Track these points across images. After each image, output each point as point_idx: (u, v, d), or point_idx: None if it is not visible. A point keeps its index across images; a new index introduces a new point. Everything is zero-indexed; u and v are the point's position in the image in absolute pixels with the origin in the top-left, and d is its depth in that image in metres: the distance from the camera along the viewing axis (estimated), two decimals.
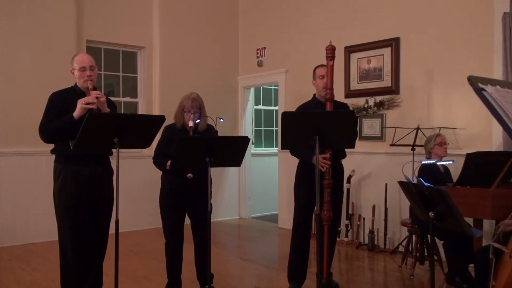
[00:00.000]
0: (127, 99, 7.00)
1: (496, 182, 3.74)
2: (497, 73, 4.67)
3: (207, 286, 3.65)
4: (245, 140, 3.62)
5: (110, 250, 3.27)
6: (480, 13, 4.84)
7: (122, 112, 6.51)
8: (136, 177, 6.56)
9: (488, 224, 4.38)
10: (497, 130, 4.69)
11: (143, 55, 7.03)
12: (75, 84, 3.43)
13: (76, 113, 3.19)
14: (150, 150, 6.60)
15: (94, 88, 3.31)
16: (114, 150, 3.20)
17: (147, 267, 4.84)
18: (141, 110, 6.98)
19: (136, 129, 3.12)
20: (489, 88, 1.37)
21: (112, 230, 3.14)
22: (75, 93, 3.39)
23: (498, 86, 1.40)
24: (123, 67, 6.97)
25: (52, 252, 4.13)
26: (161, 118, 3.22)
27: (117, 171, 3.08)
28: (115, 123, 3.02)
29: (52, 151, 3.42)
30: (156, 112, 6.85)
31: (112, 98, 4.08)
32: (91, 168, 3.38)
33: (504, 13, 4.60)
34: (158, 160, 3.77)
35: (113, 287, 3.13)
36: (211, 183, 3.85)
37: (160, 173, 3.88)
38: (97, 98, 3.21)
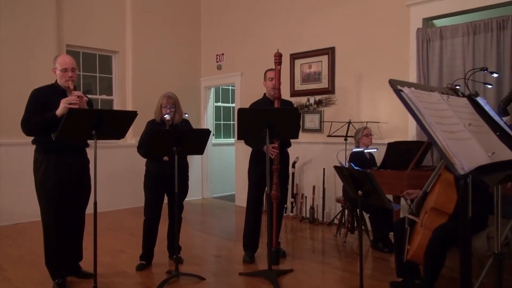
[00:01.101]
0: (104, 96, 6.77)
1: (411, 165, 3.87)
2: (412, 77, 4.79)
3: (174, 256, 3.62)
4: (207, 132, 3.62)
5: (90, 227, 3.17)
6: (399, 29, 4.95)
7: (99, 108, 6.33)
8: (114, 164, 6.47)
9: (404, 200, 4.51)
10: (412, 123, 4.82)
11: (117, 59, 6.80)
12: (56, 81, 3.27)
13: (59, 112, 3.04)
14: (125, 141, 6.52)
15: (75, 88, 3.18)
16: (90, 142, 3.11)
17: (122, 242, 4.73)
18: (116, 106, 6.77)
19: (111, 122, 3.02)
20: (406, 90, 1.40)
21: (91, 210, 3.05)
22: (56, 90, 3.24)
23: (413, 88, 1.43)
24: (100, 69, 6.72)
25: (36, 230, 3.95)
26: (134, 114, 3.13)
27: (94, 159, 2.98)
28: (92, 117, 2.92)
29: (33, 142, 3.25)
30: (129, 108, 6.68)
31: (90, 96, 3.92)
32: (70, 158, 3.25)
33: (418, 28, 4.73)
34: (141, 149, 3.76)
35: (92, 260, 3.05)
36: (187, 168, 3.89)
37: (139, 159, 3.88)
38: (78, 97, 3.09)
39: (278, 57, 3.91)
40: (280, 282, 3.45)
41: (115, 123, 3.07)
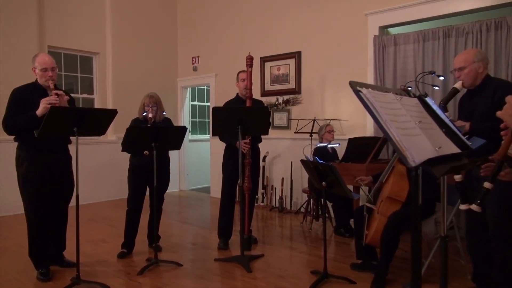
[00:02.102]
0: (85, 95, 6.56)
1: (369, 158, 3.95)
2: (370, 79, 4.88)
3: (154, 244, 3.57)
4: (183, 129, 3.60)
5: (72, 219, 3.08)
6: (358, 35, 5.01)
7: (81, 106, 6.14)
8: (95, 159, 6.30)
9: (363, 190, 4.60)
10: (370, 121, 4.90)
11: (97, 60, 6.60)
12: (36, 80, 3.11)
13: (39, 112, 2.90)
14: (106, 138, 6.36)
15: (55, 87, 3.04)
16: (73, 139, 3.01)
17: (104, 232, 4.62)
18: (97, 105, 6.58)
19: (92, 120, 2.93)
20: (364, 90, 1.41)
21: (74, 203, 2.96)
22: (36, 88, 3.09)
23: (370, 89, 1.45)
24: (81, 69, 6.51)
25: (20, 223, 3.81)
26: (114, 112, 3.06)
27: (76, 154, 2.89)
28: (74, 115, 2.82)
29: (16, 139, 3.11)
30: (109, 106, 6.50)
31: (72, 95, 3.79)
32: (53, 155, 3.13)
33: (375, 35, 4.81)
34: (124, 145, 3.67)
35: (74, 249, 2.97)
36: (168, 162, 3.85)
37: (119, 154, 3.82)
38: (58, 95, 2.96)
39: (250, 60, 3.90)
40: (252, 266, 3.46)
41: (96, 121, 2.98)
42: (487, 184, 1.53)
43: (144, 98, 3.77)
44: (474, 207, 1.54)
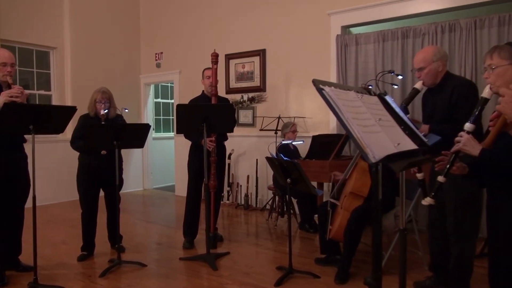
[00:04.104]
0: (42, 92, 6.26)
1: (332, 155, 4.03)
2: (333, 78, 4.97)
3: (116, 245, 3.48)
4: (146, 127, 3.52)
5: (29, 221, 2.94)
6: (322, 34, 5.09)
7: (37, 103, 5.87)
8: (53, 158, 6.03)
9: (327, 186, 4.68)
10: (333, 118, 4.99)
11: (55, 54, 6.32)
12: None
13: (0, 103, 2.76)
14: (64, 136, 6.10)
15: (13, 83, 2.91)
16: (28, 137, 2.88)
17: (63, 234, 4.44)
18: (54, 102, 6.29)
19: (50, 117, 2.81)
20: (327, 88, 1.44)
21: (30, 204, 2.83)
22: None
23: (333, 87, 1.48)
24: (37, 64, 6.20)
25: None
26: (73, 109, 2.94)
27: (32, 153, 2.77)
28: (30, 112, 2.69)
29: None
30: (68, 103, 6.24)
31: (27, 91, 3.60)
32: (8, 153, 2.98)
33: (337, 35, 4.91)
34: (75, 143, 3.55)
35: (32, 252, 2.84)
36: (122, 161, 3.70)
37: (76, 153, 3.65)
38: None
39: (215, 57, 3.87)
40: (218, 263, 3.45)
41: (53, 118, 2.86)
42: (440, 178, 1.60)
43: (95, 93, 3.59)
44: (428, 200, 1.62)
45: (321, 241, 3.39)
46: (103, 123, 3.43)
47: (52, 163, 5.98)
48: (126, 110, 3.73)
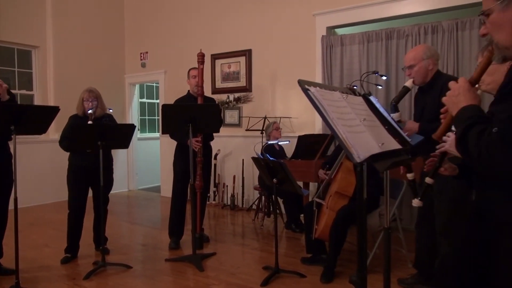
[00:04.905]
0: (23, 91, 6.13)
1: (318, 155, 4.06)
2: (318, 78, 5.01)
3: (101, 247, 3.44)
4: (131, 127, 3.49)
5: (11, 223, 2.88)
6: (307, 35, 5.12)
7: (18, 103, 5.74)
8: (37, 159, 5.93)
9: (312, 186, 4.71)
10: (318, 119, 5.00)
11: (37, 54, 6.19)
12: None
13: None
14: (48, 136, 6.00)
15: None
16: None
17: (46, 236, 4.36)
18: (37, 102, 6.17)
19: (32, 117, 2.76)
20: (312, 89, 1.45)
21: (12, 206, 2.77)
22: None
23: (318, 88, 1.49)
24: (19, 63, 6.07)
25: None
26: (55, 109, 2.89)
27: (14, 154, 2.71)
28: (11, 112, 2.64)
29: None
30: (51, 103, 6.12)
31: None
32: None
33: (322, 35, 4.94)
34: (62, 142, 3.49)
35: (14, 255, 2.78)
36: (112, 161, 3.66)
37: (62, 154, 3.60)
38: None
39: (201, 57, 3.86)
40: (204, 264, 3.44)
41: (36, 118, 2.81)
42: (428, 180, 1.60)
43: (82, 92, 3.57)
44: (415, 202, 1.61)
45: (307, 240, 3.40)
46: (90, 122, 3.39)
47: (36, 164, 5.88)
48: (111, 110, 3.69)
